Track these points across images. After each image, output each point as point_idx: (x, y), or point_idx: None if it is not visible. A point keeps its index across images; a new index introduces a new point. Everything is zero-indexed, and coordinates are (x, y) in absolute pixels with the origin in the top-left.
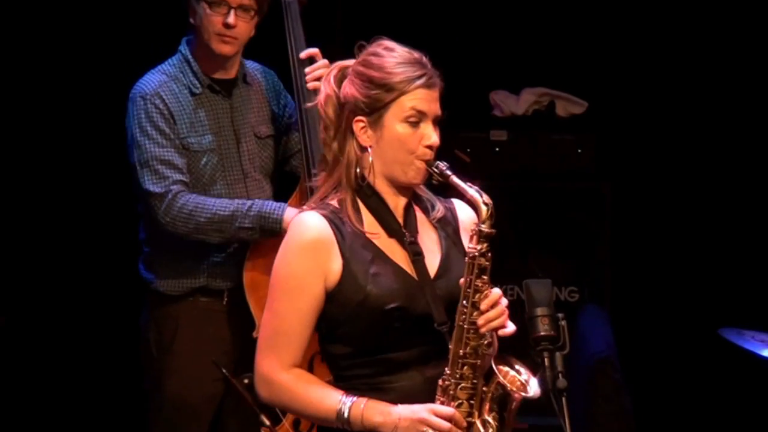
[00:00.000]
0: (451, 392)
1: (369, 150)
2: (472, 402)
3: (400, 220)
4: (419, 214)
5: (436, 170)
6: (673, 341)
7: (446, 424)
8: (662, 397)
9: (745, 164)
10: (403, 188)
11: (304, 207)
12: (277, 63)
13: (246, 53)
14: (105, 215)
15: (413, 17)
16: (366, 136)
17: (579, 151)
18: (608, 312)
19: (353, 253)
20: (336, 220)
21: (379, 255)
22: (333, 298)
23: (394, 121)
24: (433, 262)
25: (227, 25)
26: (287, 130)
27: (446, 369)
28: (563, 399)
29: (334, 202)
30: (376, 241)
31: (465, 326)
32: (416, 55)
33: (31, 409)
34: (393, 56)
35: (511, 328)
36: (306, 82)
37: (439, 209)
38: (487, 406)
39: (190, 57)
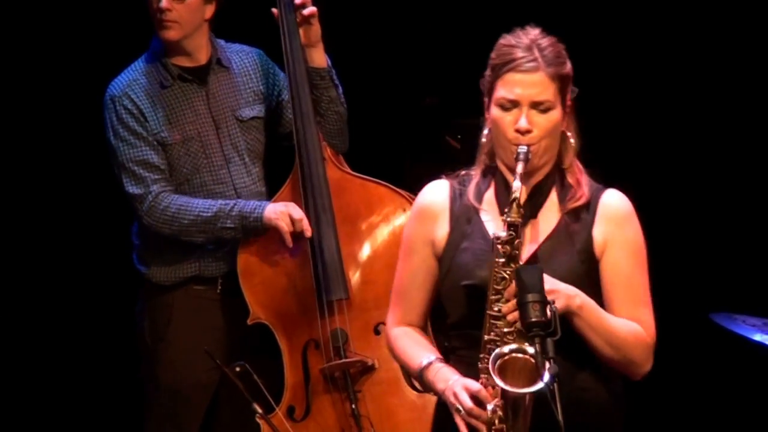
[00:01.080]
0: (485, 375)
1: (489, 131)
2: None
3: (521, 200)
4: (552, 199)
5: (515, 155)
6: (664, 326)
7: (468, 403)
8: (654, 381)
9: (733, 149)
10: (530, 170)
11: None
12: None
13: (234, 31)
14: (101, 208)
15: (407, 3)
16: (487, 118)
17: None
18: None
19: (458, 224)
20: (461, 191)
21: (478, 231)
22: (440, 264)
23: (493, 104)
24: (531, 247)
25: (160, 9)
26: (279, 109)
27: (480, 353)
28: (555, 384)
29: (472, 173)
30: (488, 220)
31: (490, 313)
32: (536, 41)
33: (27, 401)
34: (510, 40)
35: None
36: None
37: (580, 198)
38: (499, 397)
39: (158, 50)
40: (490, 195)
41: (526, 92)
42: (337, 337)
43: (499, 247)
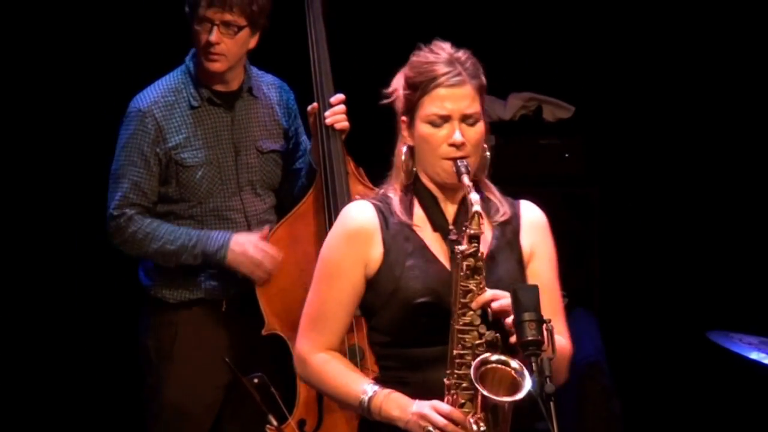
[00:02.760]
0: (453, 392)
1: (411, 149)
2: (474, 402)
3: (451, 217)
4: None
5: (455, 168)
6: (661, 345)
7: (442, 420)
8: (651, 401)
9: (732, 168)
10: (451, 186)
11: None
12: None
13: (270, 62)
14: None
15: (400, 22)
16: (407, 135)
17: (566, 155)
18: (597, 316)
19: (394, 244)
20: (385, 210)
21: (420, 248)
22: (371, 286)
23: (420, 121)
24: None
25: (209, 43)
26: (295, 146)
27: (447, 369)
28: (551, 404)
29: (391, 194)
30: (421, 235)
31: (457, 326)
32: (453, 54)
33: (27, 416)
34: (427, 56)
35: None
36: (326, 119)
37: (504, 212)
38: (479, 408)
39: (192, 69)
40: (419, 212)
41: (455, 106)
42: (355, 353)
43: (464, 261)
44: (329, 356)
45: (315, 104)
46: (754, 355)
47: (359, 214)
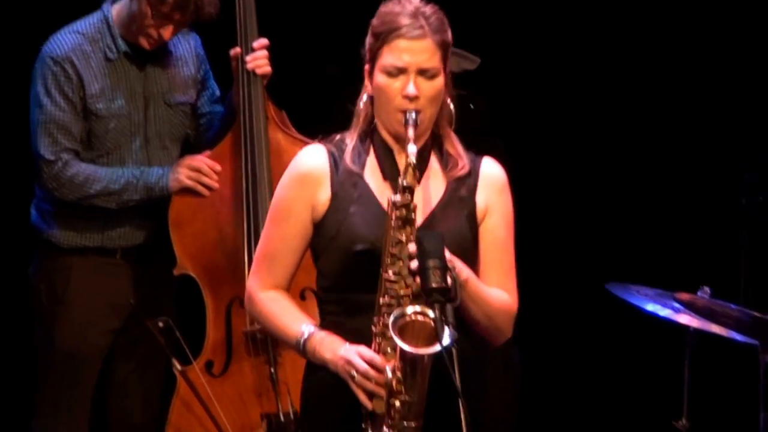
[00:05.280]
0: (378, 340)
1: (371, 98)
2: (396, 351)
3: (403, 166)
4: (435, 167)
5: (404, 120)
6: (561, 295)
7: (363, 366)
8: (549, 350)
9: (633, 122)
10: (405, 137)
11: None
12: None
13: None
14: None
15: None
16: (368, 84)
17: (471, 106)
18: None
19: (342, 190)
20: (338, 156)
21: (366, 196)
22: (318, 229)
23: (378, 70)
24: (424, 212)
25: (160, 35)
26: (203, 93)
27: (374, 317)
28: (453, 350)
29: (348, 140)
30: (371, 185)
31: (386, 276)
32: (419, 8)
33: None
34: (393, 7)
35: None
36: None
37: (462, 167)
38: (397, 358)
39: (111, 20)
40: (371, 160)
41: (413, 59)
42: None
43: (395, 211)
44: (275, 295)
45: (237, 48)
46: (650, 307)
47: (310, 158)
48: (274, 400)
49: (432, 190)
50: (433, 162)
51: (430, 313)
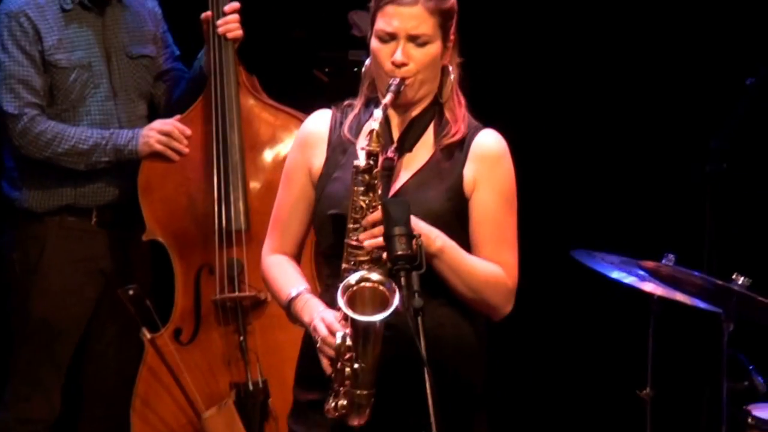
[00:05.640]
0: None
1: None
2: None
3: (397, 133)
4: (428, 134)
5: (388, 85)
6: (525, 262)
7: (324, 331)
8: (514, 316)
9: (598, 90)
10: (401, 104)
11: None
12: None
13: None
14: None
15: None
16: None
17: None
18: None
19: (333, 154)
20: (341, 121)
21: (352, 162)
22: (315, 193)
23: (373, 35)
24: (401, 180)
25: None
26: (162, 52)
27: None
28: (419, 318)
29: (355, 104)
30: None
31: (348, 242)
32: None
33: None
34: None
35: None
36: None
37: (454, 134)
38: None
39: None
40: (368, 127)
41: (403, 25)
42: (233, 267)
43: (358, 176)
44: (279, 260)
45: (208, 12)
46: (615, 274)
47: (312, 122)
48: (243, 369)
49: (415, 159)
50: (430, 130)
51: (373, 276)
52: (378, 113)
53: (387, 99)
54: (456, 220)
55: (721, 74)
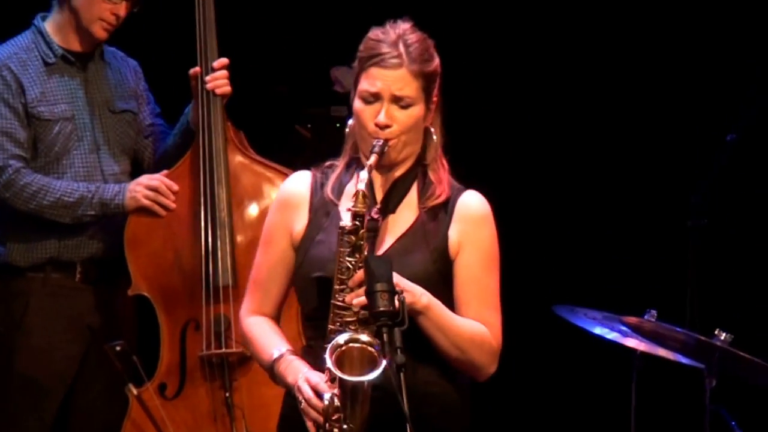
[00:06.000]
0: (327, 366)
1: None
2: None
3: (381, 194)
4: (412, 195)
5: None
6: (508, 317)
7: (309, 392)
8: (497, 373)
9: (581, 141)
10: (384, 165)
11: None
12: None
13: (155, 22)
14: None
15: None
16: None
17: None
18: None
19: (316, 217)
20: (323, 182)
21: (335, 224)
22: (296, 255)
23: (357, 96)
24: (387, 242)
25: (117, 17)
26: (144, 112)
27: (325, 344)
28: (401, 374)
29: (337, 164)
30: (343, 211)
31: (334, 302)
32: (403, 36)
33: None
34: (378, 35)
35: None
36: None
37: (439, 196)
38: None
39: (44, 30)
40: (351, 188)
41: (387, 87)
42: (220, 323)
43: (344, 236)
44: (259, 320)
45: (197, 68)
46: (597, 330)
47: (292, 184)
48: (229, 425)
49: (400, 220)
50: (413, 191)
51: (363, 338)
52: (364, 174)
53: (371, 160)
54: (442, 282)
55: (701, 130)
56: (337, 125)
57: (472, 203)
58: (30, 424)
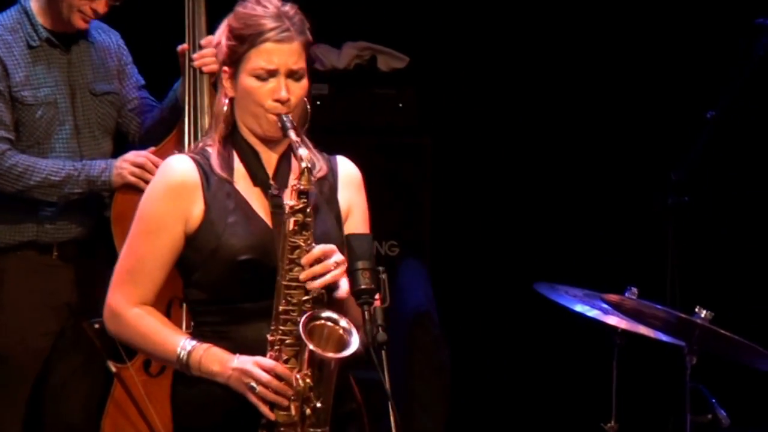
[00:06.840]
0: (277, 347)
1: (231, 100)
2: (299, 358)
3: (271, 171)
4: (295, 167)
5: (280, 124)
6: (490, 295)
7: (265, 376)
8: (479, 350)
9: (562, 119)
10: (272, 140)
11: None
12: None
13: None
14: None
15: None
16: (229, 86)
17: (400, 105)
18: (428, 266)
19: (215, 200)
20: (206, 166)
21: (241, 205)
22: (191, 242)
23: (245, 74)
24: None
25: (93, 10)
26: (127, 89)
27: (271, 325)
28: (383, 353)
29: (209, 147)
30: (241, 191)
31: (284, 282)
32: (281, 9)
33: None
34: (255, 9)
35: (343, 288)
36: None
37: (321, 168)
38: (305, 364)
39: (30, 9)
40: (238, 166)
41: (283, 61)
42: None
43: (291, 216)
44: (144, 311)
45: (185, 45)
46: (578, 308)
47: (180, 170)
48: None
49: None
50: (294, 164)
51: (341, 321)
52: (304, 152)
53: (293, 136)
54: (342, 245)
55: (682, 107)
56: (318, 103)
57: (352, 168)
58: (1, 401)
